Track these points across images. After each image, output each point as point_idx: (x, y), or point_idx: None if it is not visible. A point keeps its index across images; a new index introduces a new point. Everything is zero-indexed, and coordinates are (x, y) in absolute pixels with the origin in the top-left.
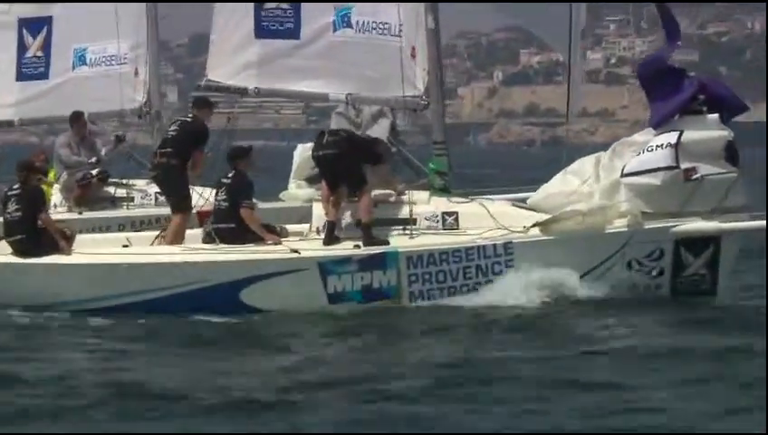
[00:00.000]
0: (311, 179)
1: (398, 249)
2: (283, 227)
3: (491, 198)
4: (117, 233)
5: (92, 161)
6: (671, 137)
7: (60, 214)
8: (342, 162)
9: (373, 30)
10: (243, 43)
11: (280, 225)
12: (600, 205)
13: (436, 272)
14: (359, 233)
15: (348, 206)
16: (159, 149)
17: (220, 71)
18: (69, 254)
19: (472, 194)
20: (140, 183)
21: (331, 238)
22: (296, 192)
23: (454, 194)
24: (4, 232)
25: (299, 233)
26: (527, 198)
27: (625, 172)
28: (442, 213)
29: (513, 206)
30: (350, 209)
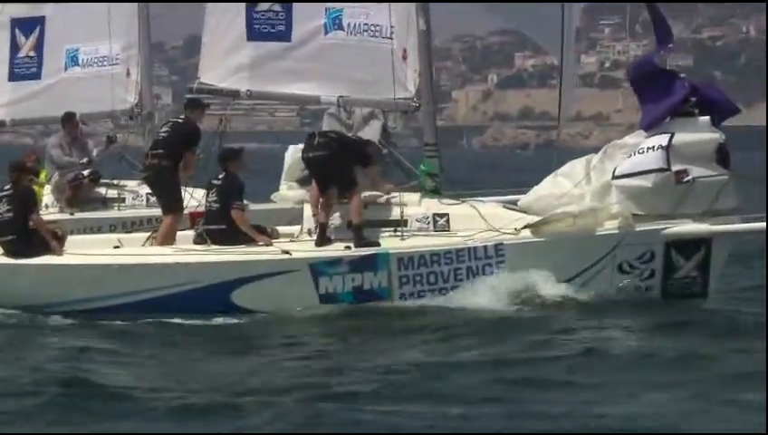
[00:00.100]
0: (302, 181)
1: (389, 251)
2: (274, 229)
3: (482, 200)
4: (108, 234)
5: (84, 162)
6: (662, 139)
7: (51, 215)
8: (333, 164)
9: (365, 32)
10: (234, 45)
11: (271, 226)
12: (591, 207)
13: (427, 273)
14: (350, 234)
15: (338, 207)
16: (151, 151)
17: (212, 73)
18: (60, 254)
19: (463, 196)
20: (132, 184)
21: (323, 240)
22: (287, 193)
23: (445, 195)
24: None
25: (290, 235)
26: (518, 199)
27: (616, 174)
28: (433, 214)
29: (504, 207)
30: (341, 211)
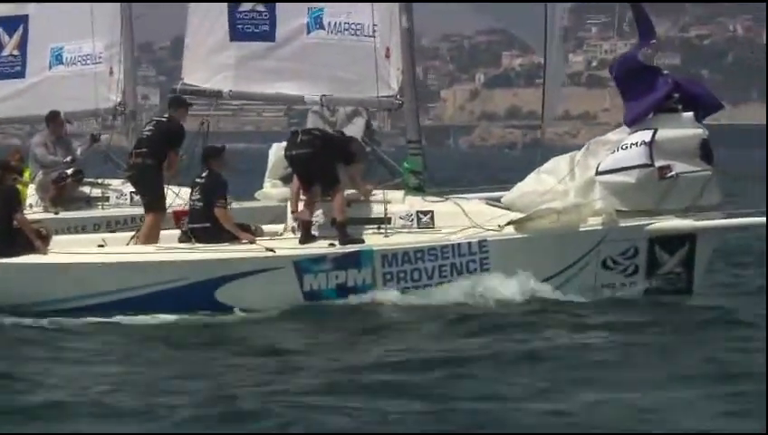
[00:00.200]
0: (285, 179)
1: (373, 248)
2: (258, 227)
3: (465, 198)
4: (92, 234)
5: (68, 161)
6: (646, 135)
7: (36, 214)
8: (316, 161)
9: (345, 31)
10: (218, 46)
11: (255, 224)
12: (575, 203)
13: (411, 270)
14: (334, 232)
15: (322, 205)
16: (135, 149)
17: (196, 74)
18: (45, 254)
19: (446, 193)
20: (116, 183)
21: (307, 237)
22: (271, 191)
23: (428, 193)
24: None
25: (274, 232)
26: (501, 196)
27: (600, 170)
28: (417, 212)
29: (488, 204)
30: (325, 208)
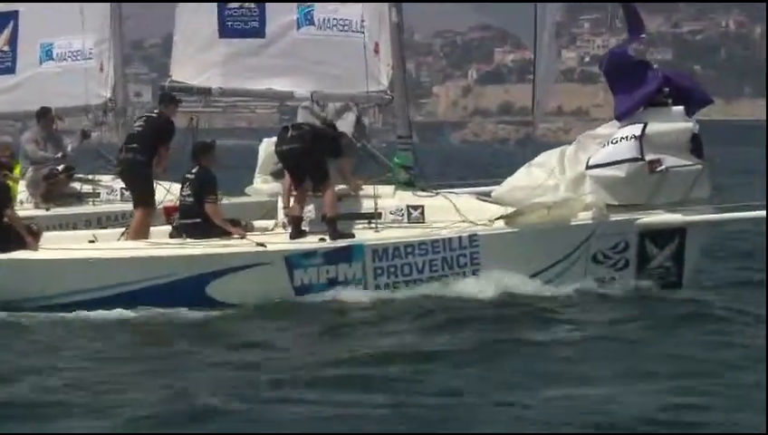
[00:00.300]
0: (276, 174)
1: (364, 242)
2: (249, 222)
3: (455, 192)
4: (83, 230)
5: (58, 157)
6: (636, 129)
7: (27, 210)
8: (306, 157)
9: (334, 27)
10: (207, 42)
11: (245, 220)
12: (565, 197)
13: (401, 265)
14: (325, 227)
15: (313, 200)
16: (125, 145)
17: (184, 71)
18: (35, 250)
19: (437, 188)
20: (106, 179)
21: (298, 232)
22: (261, 187)
23: (419, 188)
24: None
25: (265, 228)
26: (492, 191)
27: (590, 164)
28: (407, 206)
29: (478, 199)
30: (315, 204)
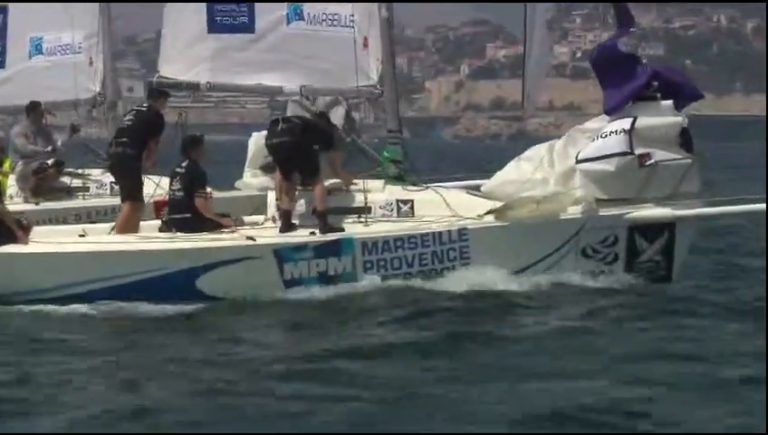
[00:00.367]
0: (265, 168)
1: (354, 236)
2: (238, 217)
3: (445, 186)
4: (73, 225)
5: (48, 151)
6: (625, 123)
7: (16, 205)
8: (296, 150)
9: (323, 21)
10: (196, 38)
11: (235, 215)
12: (555, 191)
13: (391, 258)
14: (315, 221)
15: (303, 194)
16: (115, 139)
17: (173, 67)
18: (26, 244)
19: (426, 182)
20: (96, 173)
21: (288, 226)
22: (251, 181)
23: (408, 182)
24: None
25: (255, 223)
26: (481, 185)
27: (579, 158)
28: (396, 201)
29: (468, 193)
30: (306, 198)
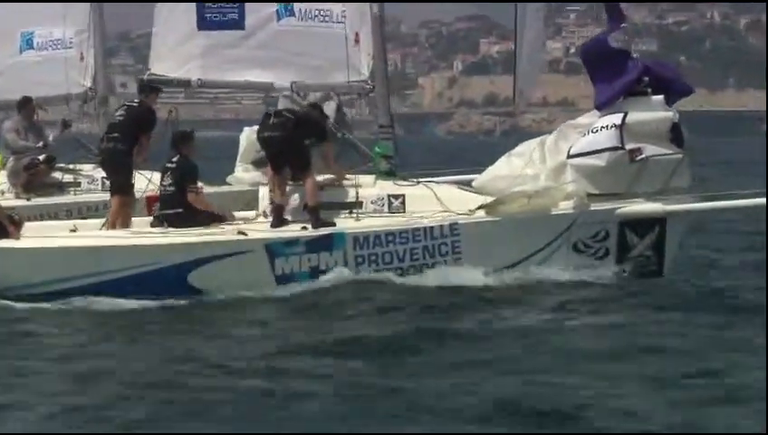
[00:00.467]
0: (257, 163)
1: (345, 231)
2: (229, 211)
3: (436, 181)
4: (65, 220)
5: (40, 146)
6: (616, 118)
7: (8, 200)
8: (288, 144)
9: (315, 17)
10: (186, 35)
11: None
12: (546, 186)
13: (382, 253)
14: (306, 216)
15: (295, 189)
16: (107, 134)
17: (164, 64)
18: (17, 239)
19: (417, 177)
20: (87, 168)
21: (279, 221)
22: (243, 176)
23: (399, 177)
24: None
25: (246, 218)
26: (472, 180)
27: (571, 153)
28: (388, 196)
29: (459, 188)
30: (298, 193)
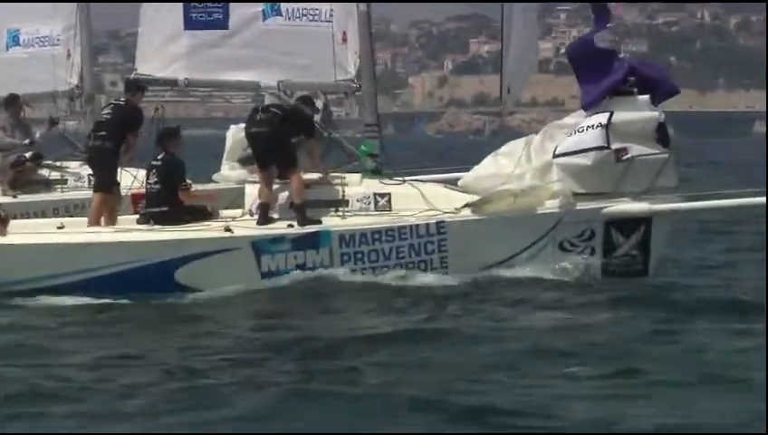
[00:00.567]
0: (243, 161)
1: (331, 228)
2: (214, 209)
3: (422, 180)
4: (51, 219)
5: (26, 143)
6: (602, 117)
7: None
8: (274, 141)
9: (303, 17)
10: (171, 35)
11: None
12: (532, 185)
13: (368, 251)
14: (293, 214)
15: (282, 187)
16: (93, 132)
17: (150, 64)
18: (4, 236)
19: (403, 176)
20: (74, 166)
21: (265, 218)
22: (229, 173)
23: (385, 176)
24: None
25: (232, 217)
26: (458, 179)
27: (557, 153)
28: (374, 194)
29: (446, 187)
30: (284, 191)
